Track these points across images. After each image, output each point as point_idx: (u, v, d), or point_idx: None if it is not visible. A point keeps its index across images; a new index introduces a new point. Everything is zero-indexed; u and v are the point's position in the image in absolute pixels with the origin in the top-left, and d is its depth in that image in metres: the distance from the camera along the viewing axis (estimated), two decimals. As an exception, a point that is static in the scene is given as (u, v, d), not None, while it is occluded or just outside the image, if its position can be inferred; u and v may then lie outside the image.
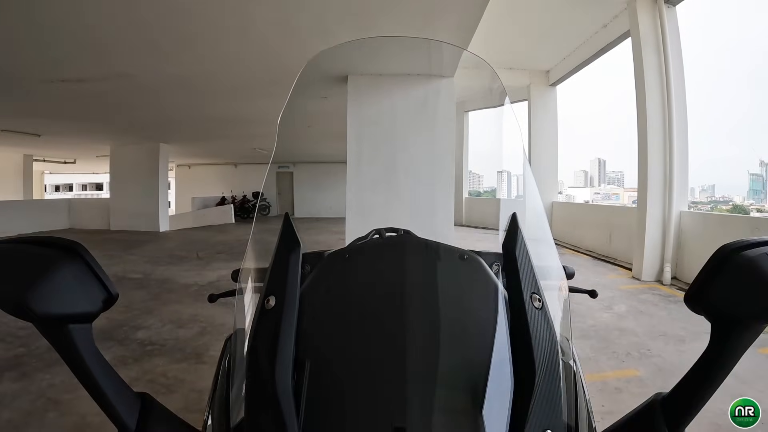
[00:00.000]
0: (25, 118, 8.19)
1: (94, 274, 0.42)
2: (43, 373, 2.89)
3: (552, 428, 0.47)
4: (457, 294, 0.58)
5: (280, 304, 0.53)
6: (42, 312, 0.38)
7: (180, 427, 0.48)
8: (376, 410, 0.46)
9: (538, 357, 0.50)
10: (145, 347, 3.29)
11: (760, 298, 0.39)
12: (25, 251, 0.41)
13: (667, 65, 5.59)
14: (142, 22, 3.81)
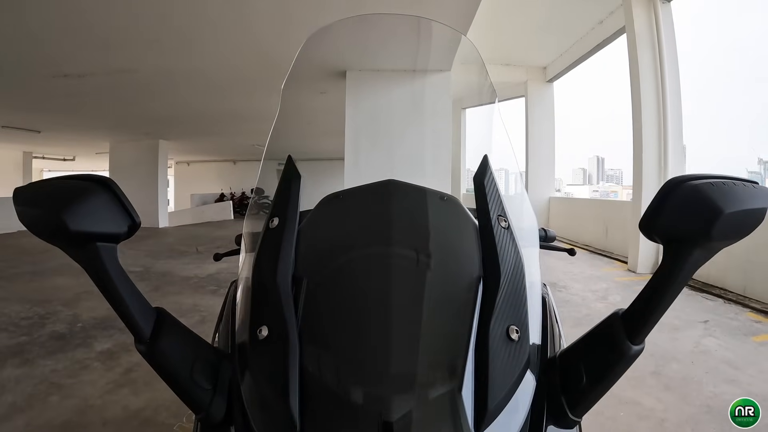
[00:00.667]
0: (25, 114, 8.22)
1: (122, 203, 0.48)
2: (45, 359, 2.93)
3: (516, 323, 0.52)
4: (436, 227, 0.63)
5: (282, 223, 0.60)
6: (75, 229, 0.43)
7: (190, 337, 0.53)
8: (366, 317, 0.52)
9: (503, 265, 0.56)
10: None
11: (703, 220, 0.44)
12: (61, 182, 0.46)
13: (661, 61, 5.65)
14: (143, 16, 3.85)
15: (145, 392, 2.46)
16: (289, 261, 0.56)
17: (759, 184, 0.49)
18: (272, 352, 0.49)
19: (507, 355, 0.50)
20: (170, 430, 2.08)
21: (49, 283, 5.10)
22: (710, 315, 3.89)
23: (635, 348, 0.50)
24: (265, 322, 0.51)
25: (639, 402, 2.33)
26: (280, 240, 0.58)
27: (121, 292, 0.48)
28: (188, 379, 0.50)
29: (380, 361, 0.47)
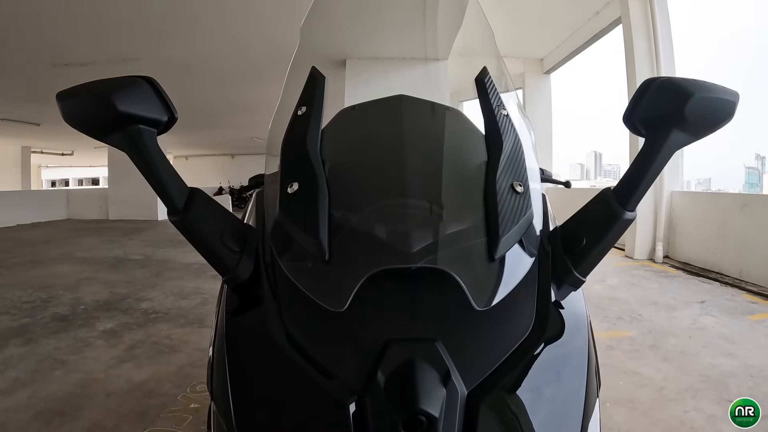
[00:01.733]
0: (25, 106, 8.22)
1: (162, 97, 0.51)
2: (48, 338, 2.95)
3: (518, 179, 0.56)
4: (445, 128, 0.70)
5: (309, 110, 0.64)
6: (122, 110, 0.47)
7: (220, 210, 0.56)
8: (385, 178, 0.57)
9: (505, 138, 0.61)
10: (149, 315, 3.36)
11: (676, 102, 0.48)
12: (108, 78, 0.50)
13: (657, 53, 5.66)
14: (148, 3, 3.85)
15: (148, 366, 2.49)
16: (316, 135, 0.60)
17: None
18: (302, 200, 0.53)
19: (513, 202, 0.54)
20: (174, 400, 2.11)
21: (50, 270, 5.12)
22: (707, 296, 3.92)
23: (629, 213, 0.53)
24: (296, 179, 0.55)
25: (638, 372, 2.36)
26: (308, 122, 0.62)
27: (160, 170, 0.51)
28: (217, 242, 0.54)
29: (402, 202, 0.52)
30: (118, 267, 5.27)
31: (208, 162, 19.23)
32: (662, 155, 0.50)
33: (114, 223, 10.97)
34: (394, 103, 0.72)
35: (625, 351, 2.67)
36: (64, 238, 8.16)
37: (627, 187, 0.53)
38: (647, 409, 2.00)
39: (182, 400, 2.11)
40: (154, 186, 0.52)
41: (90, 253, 6.28)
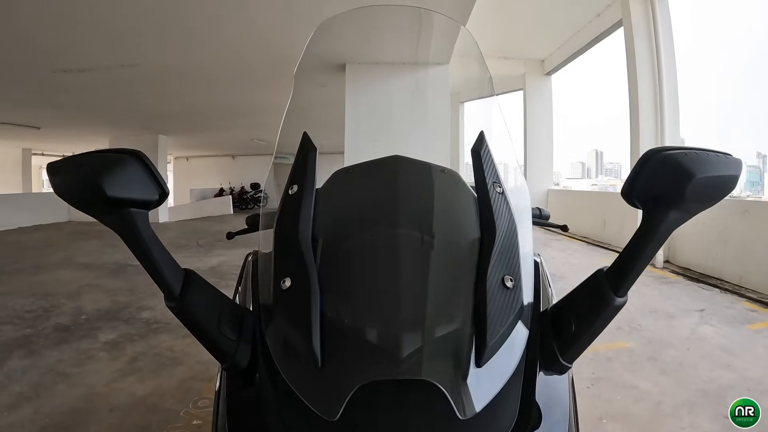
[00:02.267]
0: (25, 110, 8.22)
1: (152, 173, 0.51)
2: (50, 350, 2.96)
3: (510, 273, 0.57)
4: (438, 196, 0.69)
5: (301, 189, 0.65)
6: (111, 195, 0.47)
7: (216, 294, 0.57)
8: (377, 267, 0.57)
9: (498, 223, 0.61)
10: (150, 326, 3.39)
11: (676, 183, 0.48)
12: (96, 154, 0.50)
13: (659, 55, 5.67)
14: (146, 10, 3.86)
15: (151, 379, 2.51)
16: (309, 220, 0.61)
17: (732, 155, 0.53)
18: (295, 300, 0.54)
19: (503, 300, 0.54)
20: (177, 415, 2.12)
21: (52, 276, 5.14)
22: (706, 304, 3.94)
23: (619, 299, 0.53)
24: (288, 274, 0.56)
25: (636, 385, 2.38)
26: (300, 203, 0.63)
27: (153, 253, 0.52)
28: (215, 331, 0.55)
29: (392, 304, 0.52)
30: (119, 273, 5.29)
31: (208, 162, 19.24)
32: (659, 236, 0.51)
33: (115, 225, 10.98)
34: (389, 167, 0.72)
35: (624, 363, 2.68)
36: (66, 241, 8.18)
37: (620, 270, 0.53)
38: (643, 424, 2.01)
39: (185, 416, 2.13)
40: (148, 270, 0.52)
41: (91, 258, 6.30)
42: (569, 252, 6.67)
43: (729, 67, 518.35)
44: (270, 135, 13.23)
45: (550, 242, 7.69)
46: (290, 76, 3.91)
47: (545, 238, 8.16)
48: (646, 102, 5.76)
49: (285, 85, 7.10)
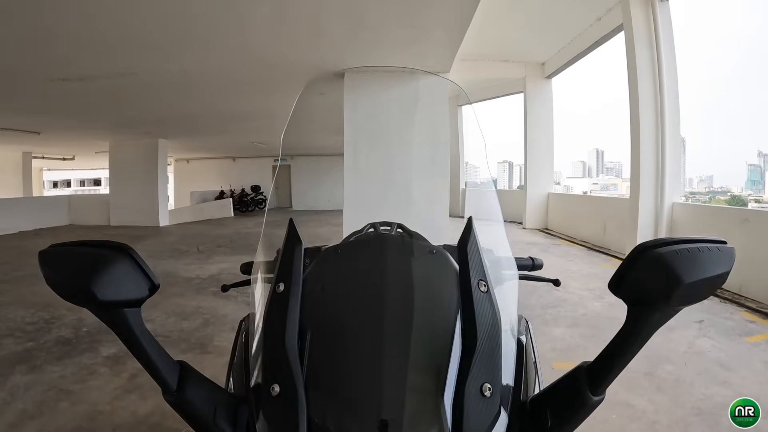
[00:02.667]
0: (24, 117, 8.24)
1: (140, 268, 0.52)
2: (52, 365, 2.99)
3: (490, 382, 0.58)
4: (425, 282, 0.70)
5: (287, 288, 0.66)
6: (104, 299, 0.48)
7: (210, 386, 0.59)
8: (362, 372, 0.59)
9: (480, 328, 0.61)
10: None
11: (663, 286, 0.48)
12: (85, 252, 0.51)
13: (659, 60, 5.67)
14: (144, 22, 3.87)
15: (152, 397, 2.52)
16: (295, 325, 0.63)
17: (726, 243, 0.54)
18: (284, 407, 0.56)
19: (480, 408, 0.56)
20: (177, 436, 2.15)
21: (53, 286, 5.16)
22: (705, 315, 3.95)
23: (595, 398, 0.55)
24: (277, 381, 0.58)
25: (632, 404, 2.40)
26: (286, 305, 0.64)
27: (148, 350, 0.53)
28: (211, 424, 0.57)
29: (374, 410, 0.55)
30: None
31: (209, 165, 19.26)
32: (642, 336, 0.51)
33: (115, 229, 11.02)
34: (377, 251, 0.74)
35: (620, 380, 2.64)
36: (67, 247, 8.20)
37: (601, 367, 0.54)
38: (640, 447, 2.03)
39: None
40: (144, 365, 0.54)
41: (92, 265, 6.31)
42: (569, 258, 6.68)
43: (735, 65, 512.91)
44: (269, 138, 13.24)
45: (549, 248, 7.71)
46: (287, 82, 4.09)
47: (545, 244, 8.18)
48: (647, 107, 5.77)
49: (283, 91, 7.11)
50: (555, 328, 3.62)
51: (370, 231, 1.49)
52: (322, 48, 4.72)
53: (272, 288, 0.68)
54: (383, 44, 4.65)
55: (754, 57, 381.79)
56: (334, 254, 0.80)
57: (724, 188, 43.58)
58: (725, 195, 34.00)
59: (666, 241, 0.51)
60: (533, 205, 10.30)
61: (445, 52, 4.94)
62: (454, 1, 3.67)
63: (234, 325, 3.69)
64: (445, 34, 4.34)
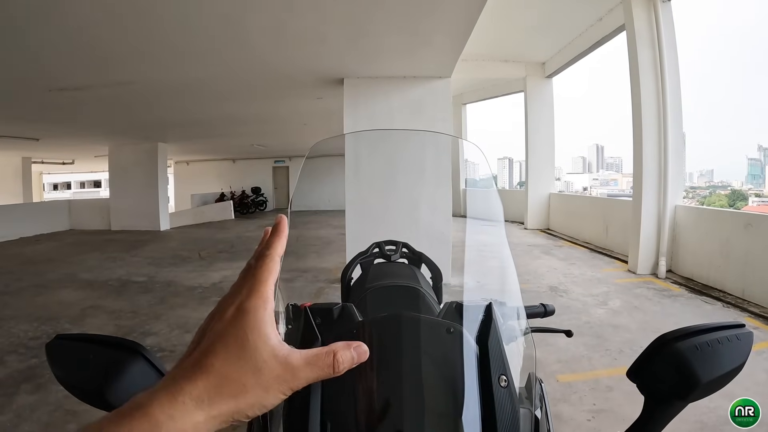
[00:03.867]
0: (23, 124, 8.24)
1: (154, 368, 0.52)
2: (57, 384, 2.95)
3: None
4: (441, 364, 0.67)
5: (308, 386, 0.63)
6: (117, 404, 0.48)
7: None
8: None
9: (500, 426, 0.59)
10: (155, 353, 3.39)
11: (682, 385, 0.49)
12: (98, 353, 0.51)
13: (662, 61, 5.63)
14: (142, 34, 3.86)
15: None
16: (317, 422, 0.61)
17: (744, 326, 0.53)
18: None
19: None
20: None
21: (54, 297, 5.15)
22: (709, 320, 3.93)
23: None
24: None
25: (630, 418, 2.38)
26: (308, 402, 0.62)
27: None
28: None
29: None
30: (122, 292, 5.30)
31: (209, 167, 19.24)
32: (660, 425, 0.52)
33: (116, 234, 10.99)
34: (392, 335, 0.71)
35: (625, 393, 2.68)
36: (67, 254, 8.19)
37: None
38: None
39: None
40: None
41: (93, 275, 6.30)
42: (571, 261, 6.67)
43: (737, 60, 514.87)
44: (269, 140, 13.23)
45: (551, 250, 7.69)
46: (287, 87, 4.08)
47: (547, 245, 8.16)
48: (649, 109, 5.72)
49: (283, 95, 7.09)
50: (559, 337, 3.60)
51: (375, 251, 1.49)
52: (323, 55, 4.70)
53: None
54: (384, 52, 4.63)
55: (756, 51, 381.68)
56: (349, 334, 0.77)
57: (725, 182, 43.42)
58: (726, 189, 33.98)
59: (686, 331, 0.53)
60: (535, 205, 10.29)
61: (447, 59, 4.91)
62: (455, 10, 3.63)
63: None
64: (447, 41, 4.32)
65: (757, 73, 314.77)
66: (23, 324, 4.17)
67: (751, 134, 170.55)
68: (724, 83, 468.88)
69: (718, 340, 0.51)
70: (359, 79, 5.53)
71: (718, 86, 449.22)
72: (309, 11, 3.59)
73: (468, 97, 13.32)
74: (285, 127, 9.84)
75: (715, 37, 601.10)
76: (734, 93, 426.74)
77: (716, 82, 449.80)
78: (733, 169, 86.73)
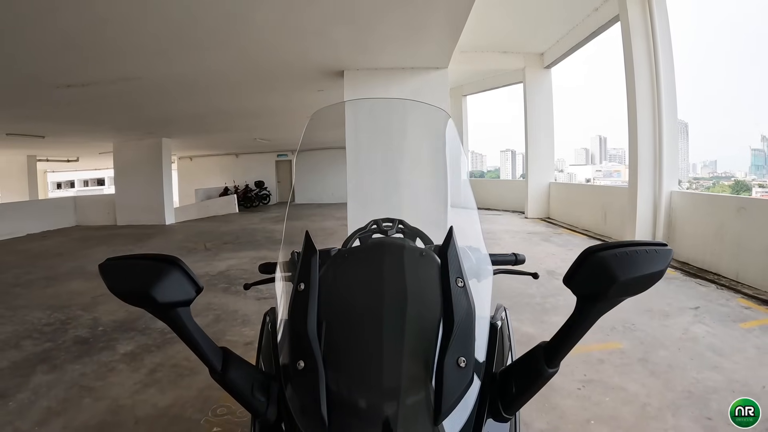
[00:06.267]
0: (30, 122, 8.37)
1: (188, 275, 0.64)
2: (72, 364, 3.12)
3: (464, 356, 0.72)
4: (415, 281, 0.86)
5: (307, 288, 0.82)
6: (162, 301, 0.61)
7: (248, 366, 0.74)
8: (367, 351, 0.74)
9: (457, 315, 0.76)
10: (165, 335, 3.53)
11: (601, 284, 0.60)
12: (143, 264, 0.64)
13: (656, 51, 5.72)
14: (149, 30, 3.97)
15: (171, 390, 2.66)
16: (314, 316, 0.78)
17: (667, 245, 0.65)
18: (308, 379, 0.71)
19: (456, 377, 0.70)
20: (198, 424, 2.28)
21: (65, 288, 5.31)
22: (701, 301, 4.05)
23: (550, 371, 0.68)
24: (301, 358, 0.73)
25: (624, 388, 2.51)
26: (307, 301, 0.80)
27: (197, 340, 0.67)
28: (250, 396, 0.72)
29: (377, 380, 0.70)
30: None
31: (212, 162, 19.40)
32: (587, 322, 0.64)
33: (122, 229, 11.15)
34: (376, 256, 0.91)
35: (615, 365, 2.81)
36: (75, 249, 8.36)
37: (556, 346, 0.67)
38: (629, 427, 2.15)
39: (205, 425, 2.29)
40: (194, 351, 0.68)
41: (103, 266, 6.44)
42: (569, 247, 6.78)
43: (742, 50, 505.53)
44: (271, 134, 13.34)
45: (551, 237, 7.80)
46: (289, 80, 4.29)
47: (546, 233, 8.27)
48: (644, 98, 5.82)
49: (285, 89, 7.19)
50: (554, 316, 3.74)
51: (373, 227, 1.62)
52: (323, 48, 4.80)
53: (294, 287, 0.84)
54: (382, 44, 4.73)
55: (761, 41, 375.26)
56: (342, 259, 0.96)
57: (728, 173, 43.11)
58: (729, 180, 33.56)
59: (609, 245, 0.63)
60: (535, 194, 10.39)
61: (443, 50, 5.02)
62: (449, 1, 3.74)
63: (244, 319, 3.83)
64: (442, 32, 4.43)
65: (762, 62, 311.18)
66: (36, 312, 4.32)
67: (754, 124, 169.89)
68: (728, 72, 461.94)
69: (636, 251, 0.61)
70: (359, 71, 5.64)
71: (723, 75, 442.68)
72: (311, 6, 3.71)
73: (468, 89, 13.38)
74: (287, 119, 9.94)
75: (723, 27, 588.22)
76: (739, 83, 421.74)
77: (721, 71, 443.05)
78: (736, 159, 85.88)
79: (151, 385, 2.76)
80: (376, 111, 1.85)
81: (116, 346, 3.41)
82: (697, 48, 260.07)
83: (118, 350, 3.33)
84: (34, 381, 2.88)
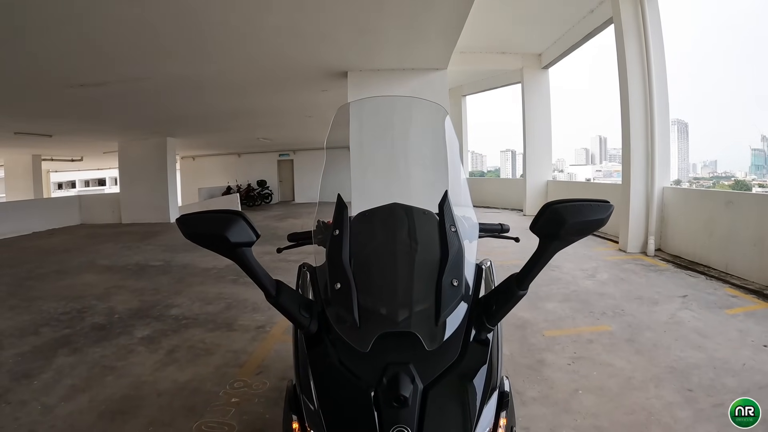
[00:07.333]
0: (38, 120, 8.55)
1: (251, 225, 0.84)
2: (92, 347, 3.28)
3: (456, 278, 0.99)
4: (420, 229, 1.14)
5: (340, 233, 1.07)
6: (233, 241, 0.81)
7: (296, 293, 0.97)
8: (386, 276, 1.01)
9: (450, 249, 1.03)
10: (180, 321, 3.73)
11: (555, 226, 0.81)
12: (217, 215, 0.83)
13: (648, 52, 5.90)
14: (162, 32, 4.17)
15: (189, 368, 2.85)
16: (347, 252, 1.04)
17: (609, 202, 0.86)
18: (344, 296, 0.97)
19: (451, 293, 0.97)
20: (217, 396, 2.47)
21: (78, 280, 5.48)
22: (690, 290, 4.23)
23: (520, 292, 0.92)
24: (338, 281, 0.99)
25: (611, 363, 2.71)
26: (341, 241, 1.06)
27: (258, 273, 0.88)
28: (297, 314, 0.94)
29: (393, 296, 0.97)
30: (141, 274, 5.64)
31: (214, 161, 19.60)
32: (547, 255, 0.86)
33: (128, 227, 11.32)
34: (391, 214, 1.17)
35: (603, 345, 3.00)
36: (83, 245, 8.54)
37: (524, 274, 0.90)
38: (614, 395, 2.34)
39: (224, 396, 2.48)
40: (254, 281, 0.89)
41: (111, 261, 6.64)
42: (566, 242, 6.95)
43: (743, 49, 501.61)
44: (274, 134, 13.53)
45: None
46: (293, 81, 4.61)
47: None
48: (636, 97, 5.98)
49: (289, 89, 7.37)
50: (548, 302, 3.92)
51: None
52: (329, 51, 5.01)
53: (331, 233, 1.09)
54: (384, 46, 4.93)
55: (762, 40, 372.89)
56: (363, 216, 1.22)
57: (728, 173, 43.12)
58: (729, 180, 33.73)
59: (563, 200, 0.84)
60: (533, 193, 10.57)
61: (442, 52, 5.22)
62: (448, 5, 3.93)
63: (254, 307, 4.01)
64: (441, 35, 4.62)
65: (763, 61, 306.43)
66: (51, 302, 4.47)
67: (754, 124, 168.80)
68: (729, 72, 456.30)
69: (582, 204, 0.83)
70: (362, 71, 5.83)
71: (724, 75, 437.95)
72: (317, 11, 3.91)
73: (467, 89, 13.58)
74: (290, 119, 10.13)
75: (722, 26, 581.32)
76: (738, 82, 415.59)
77: (722, 70, 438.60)
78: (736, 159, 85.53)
79: (170, 364, 2.94)
80: (379, 108, 2.05)
81: (133, 331, 3.59)
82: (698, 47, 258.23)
83: (136, 335, 3.50)
84: (57, 362, 3.03)
